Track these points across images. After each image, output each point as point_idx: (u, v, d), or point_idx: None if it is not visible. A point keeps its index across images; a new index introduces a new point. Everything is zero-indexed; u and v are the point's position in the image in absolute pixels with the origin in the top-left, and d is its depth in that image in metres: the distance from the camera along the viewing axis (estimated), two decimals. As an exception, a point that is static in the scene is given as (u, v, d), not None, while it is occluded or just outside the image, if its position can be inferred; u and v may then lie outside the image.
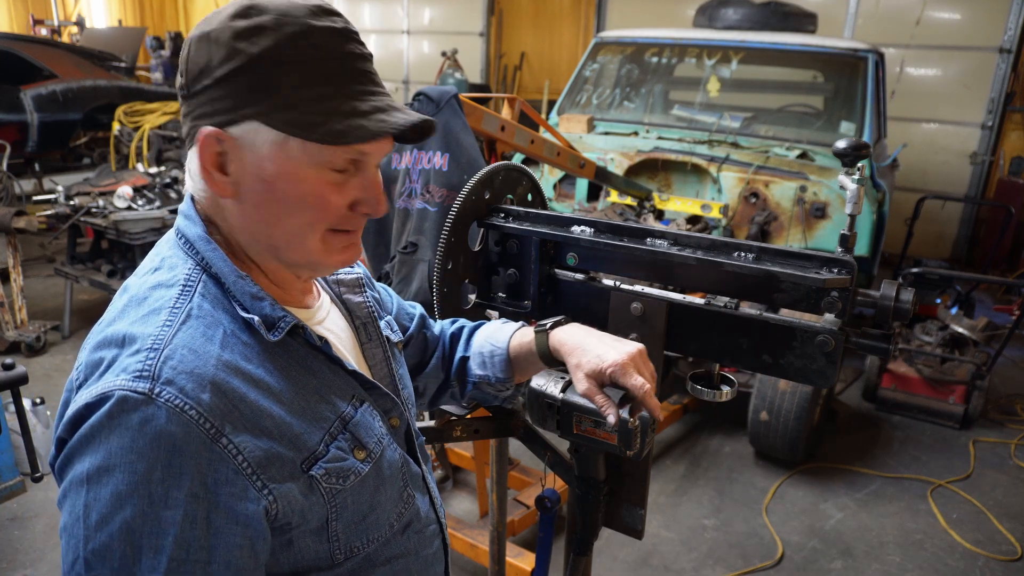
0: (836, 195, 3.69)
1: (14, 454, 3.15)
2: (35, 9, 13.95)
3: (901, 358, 4.34)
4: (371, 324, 1.10)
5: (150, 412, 0.74)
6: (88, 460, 0.75)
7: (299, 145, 0.82)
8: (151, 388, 0.75)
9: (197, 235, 0.88)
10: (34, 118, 7.59)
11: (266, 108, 0.81)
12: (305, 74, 0.82)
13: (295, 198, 0.85)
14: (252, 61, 0.81)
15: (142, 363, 0.77)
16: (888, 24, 7.45)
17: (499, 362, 1.21)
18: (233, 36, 0.81)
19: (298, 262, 0.90)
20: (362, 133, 0.83)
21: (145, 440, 0.74)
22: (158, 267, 0.88)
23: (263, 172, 0.83)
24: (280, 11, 0.82)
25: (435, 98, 2.48)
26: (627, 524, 1.43)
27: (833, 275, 1.14)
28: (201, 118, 0.84)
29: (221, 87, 0.82)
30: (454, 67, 9.13)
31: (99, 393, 0.76)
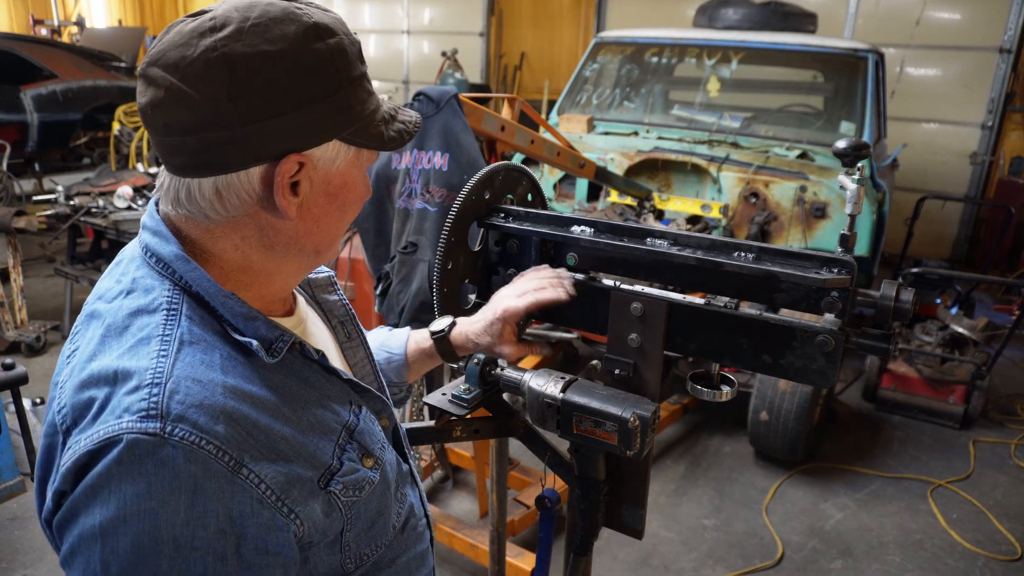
0: (836, 195, 3.69)
1: (14, 454, 3.15)
2: (35, 9, 13.95)
3: (901, 358, 4.34)
4: (349, 323, 1.10)
5: (166, 454, 0.70)
6: (99, 512, 0.70)
7: (367, 155, 0.89)
8: (162, 428, 0.71)
9: (173, 253, 0.82)
10: (34, 118, 7.60)
11: (347, 128, 0.83)
12: (362, 89, 0.85)
13: (351, 204, 0.90)
14: (337, 85, 0.81)
15: (146, 401, 0.72)
16: (888, 24, 7.45)
17: (396, 368, 1.28)
18: (318, 61, 0.79)
19: (326, 259, 0.94)
20: (407, 135, 0.90)
21: (164, 484, 0.70)
22: (130, 289, 0.82)
23: (330, 186, 0.86)
24: (342, 30, 0.83)
25: (435, 98, 2.48)
26: (627, 524, 1.43)
27: (833, 275, 1.14)
28: (275, 143, 0.78)
29: (305, 112, 0.78)
30: (454, 67, 9.13)
31: (103, 438, 0.71)
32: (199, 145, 0.77)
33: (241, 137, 0.77)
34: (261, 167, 0.80)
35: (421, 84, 10.66)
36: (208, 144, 0.77)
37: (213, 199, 0.81)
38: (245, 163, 0.79)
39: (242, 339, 0.81)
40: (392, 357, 1.28)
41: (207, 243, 0.84)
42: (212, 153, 0.78)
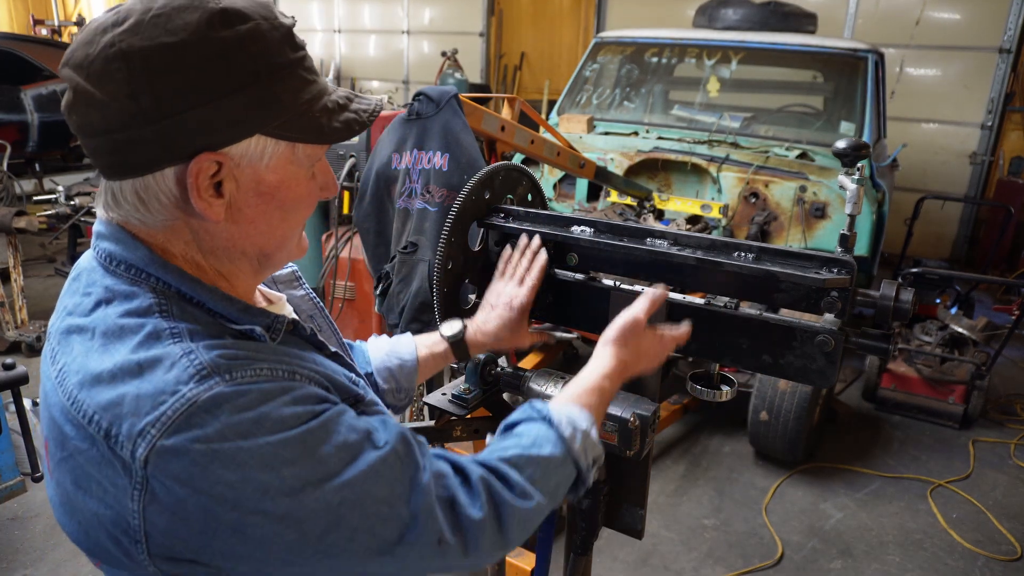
0: (836, 195, 3.69)
1: (14, 454, 3.15)
2: (35, 9, 13.96)
3: (901, 358, 4.35)
4: (319, 315, 1.10)
5: (235, 393, 0.72)
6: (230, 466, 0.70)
7: (305, 150, 0.82)
8: (221, 379, 0.72)
9: (144, 257, 0.79)
10: (34, 118, 7.59)
11: (271, 121, 0.77)
12: (293, 78, 0.79)
13: (293, 202, 0.84)
14: (252, 75, 0.74)
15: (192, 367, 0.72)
16: (888, 24, 7.45)
17: (408, 373, 1.28)
18: (224, 49, 0.73)
19: (280, 263, 0.90)
20: (357, 126, 0.83)
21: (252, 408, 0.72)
22: (107, 298, 0.79)
23: (262, 185, 0.80)
24: (259, 15, 0.76)
25: (435, 98, 2.48)
26: (627, 524, 1.43)
27: (833, 275, 1.14)
28: (184, 142, 0.74)
29: (215, 106, 0.73)
30: (454, 67, 9.12)
31: (177, 412, 0.69)
32: (110, 146, 0.74)
33: (148, 137, 0.73)
34: (174, 168, 0.76)
35: (421, 84, 10.65)
36: (118, 145, 0.74)
37: (136, 203, 0.78)
38: (157, 164, 0.75)
39: (240, 327, 0.81)
40: (404, 363, 1.27)
41: (164, 245, 0.82)
42: (123, 154, 0.75)
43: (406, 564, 0.80)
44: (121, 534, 0.73)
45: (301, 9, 11.80)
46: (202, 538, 0.72)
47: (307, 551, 0.74)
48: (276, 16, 0.79)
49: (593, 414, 1.01)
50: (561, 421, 0.96)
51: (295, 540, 0.73)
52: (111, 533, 0.74)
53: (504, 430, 0.99)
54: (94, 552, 0.79)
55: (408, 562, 0.80)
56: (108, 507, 0.73)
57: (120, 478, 0.71)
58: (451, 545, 0.81)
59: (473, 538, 0.83)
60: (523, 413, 0.99)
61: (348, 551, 0.76)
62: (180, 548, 0.73)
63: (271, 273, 0.94)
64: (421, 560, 0.81)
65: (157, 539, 0.72)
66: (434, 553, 0.81)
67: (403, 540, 0.78)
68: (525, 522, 0.89)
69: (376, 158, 2.62)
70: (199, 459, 0.69)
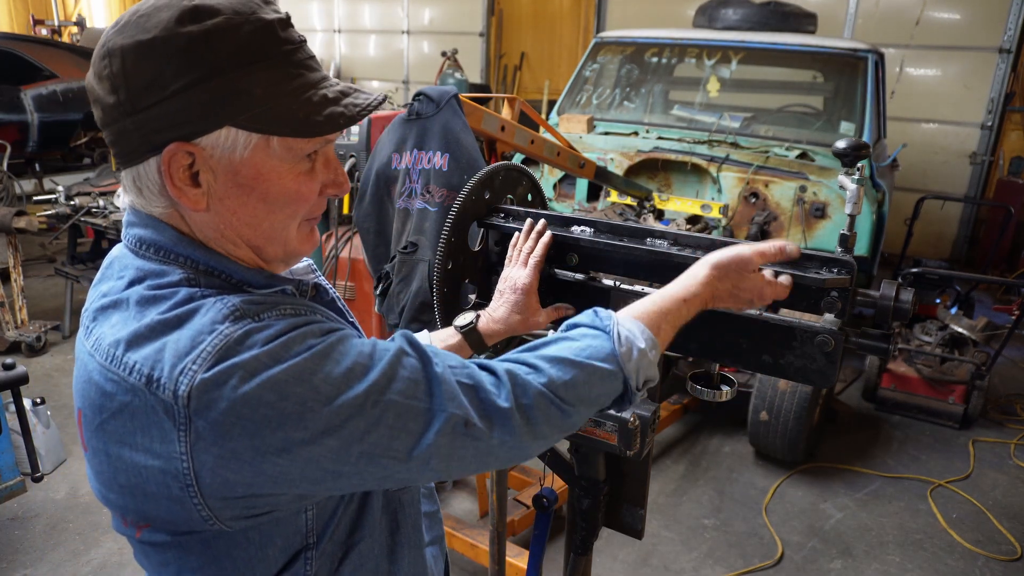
0: (836, 195, 3.69)
1: (14, 454, 3.15)
2: (35, 9, 13.96)
3: (901, 358, 4.35)
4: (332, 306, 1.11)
5: (265, 326, 0.77)
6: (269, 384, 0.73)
7: (281, 143, 0.82)
8: (252, 319, 0.77)
9: (172, 238, 0.83)
10: (34, 118, 7.60)
11: (240, 113, 0.78)
12: (272, 71, 0.79)
13: (277, 195, 0.84)
14: (217, 68, 0.76)
15: (226, 309, 0.77)
16: (888, 24, 7.45)
17: None
18: (188, 43, 0.75)
19: (277, 256, 0.90)
20: (342, 120, 0.83)
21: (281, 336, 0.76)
22: (140, 278, 0.82)
23: (240, 176, 0.81)
24: (232, 10, 0.78)
25: (435, 98, 2.48)
26: (627, 524, 1.43)
27: (833, 275, 1.14)
28: (157, 133, 0.78)
29: (181, 98, 0.76)
30: (454, 67, 9.12)
31: (218, 347, 0.74)
32: (109, 138, 0.82)
33: (130, 129, 0.78)
34: (155, 158, 0.80)
35: (421, 84, 10.65)
36: (113, 137, 0.81)
37: (135, 191, 0.84)
38: (140, 155, 0.80)
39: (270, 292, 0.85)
40: None
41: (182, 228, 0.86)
42: (117, 146, 0.81)
43: (443, 457, 0.81)
44: (172, 481, 0.75)
45: (301, 9, 11.80)
46: (252, 467, 0.74)
47: (351, 457, 0.77)
48: (255, 12, 0.79)
49: (658, 336, 0.98)
50: (620, 335, 0.93)
51: (338, 447, 0.76)
52: (161, 484, 0.76)
53: (565, 330, 0.98)
54: (143, 514, 0.81)
55: (443, 452, 0.81)
56: (155, 456, 0.75)
57: (165, 422, 0.74)
58: (480, 429, 0.82)
59: (501, 423, 0.84)
60: (586, 317, 0.98)
61: (388, 452, 0.78)
62: (232, 484, 0.75)
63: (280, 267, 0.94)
64: (454, 447, 0.82)
65: (207, 479, 0.74)
66: (465, 439, 0.82)
67: (432, 427, 0.80)
68: (555, 422, 0.88)
69: (376, 158, 2.61)
70: (239, 385, 0.72)
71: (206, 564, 0.83)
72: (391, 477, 0.82)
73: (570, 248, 1.39)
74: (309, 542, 0.86)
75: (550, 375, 0.88)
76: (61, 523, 3.03)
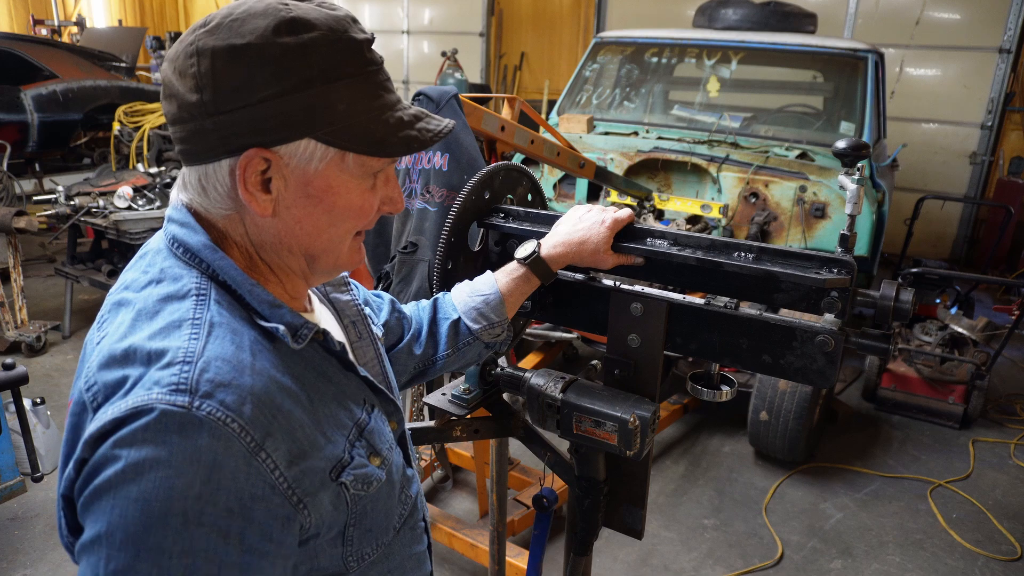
0: (836, 195, 3.69)
1: (14, 454, 3.15)
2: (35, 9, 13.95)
3: (901, 358, 4.35)
4: (360, 322, 1.11)
5: (192, 428, 0.71)
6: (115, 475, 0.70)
7: (355, 159, 0.84)
8: (191, 402, 0.72)
9: (201, 243, 0.84)
10: (34, 118, 7.59)
11: (322, 126, 0.80)
12: (355, 89, 0.82)
13: (344, 209, 0.86)
14: (307, 80, 0.78)
15: (177, 376, 0.73)
16: (888, 24, 7.45)
17: (494, 306, 1.26)
18: (283, 53, 0.77)
19: (327, 268, 0.91)
20: (416, 144, 0.85)
21: (184, 456, 0.70)
22: (158, 279, 0.83)
23: (311, 187, 0.83)
24: (328, 26, 0.80)
25: (435, 98, 2.48)
26: (627, 524, 1.43)
27: (833, 275, 1.14)
28: (238, 136, 0.79)
29: (268, 106, 0.78)
30: (454, 67, 9.12)
31: (132, 407, 0.71)
32: (181, 134, 0.82)
33: (208, 128, 0.79)
34: (229, 160, 0.81)
35: (421, 84, 10.66)
36: (186, 134, 0.81)
37: (199, 189, 0.85)
38: (214, 155, 0.81)
39: (268, 325, 0.82)
40: (488, 298, 1.26)
41: (227, 231, 0.87)
42: (190, 144, 0.81)
43: None
44: (70, 512, 0.77)
45: (301, 9, 11.79)
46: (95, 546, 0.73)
47: None
48: (347, 30, 0.82)
49: None
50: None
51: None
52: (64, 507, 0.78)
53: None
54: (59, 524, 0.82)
55: None
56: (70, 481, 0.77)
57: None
58: None
59: None
60: None
61: None
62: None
63: (324, 278, 0.95)
64: None
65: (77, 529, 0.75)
66: None
67: None
68: None
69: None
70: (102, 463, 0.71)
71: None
72: None
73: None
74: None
75: None
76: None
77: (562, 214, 1.37)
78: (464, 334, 1.27)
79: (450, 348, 1.27)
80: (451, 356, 1.28)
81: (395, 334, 1.27)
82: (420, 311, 1.30)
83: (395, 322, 1.27)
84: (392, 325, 1.26)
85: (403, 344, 1.26)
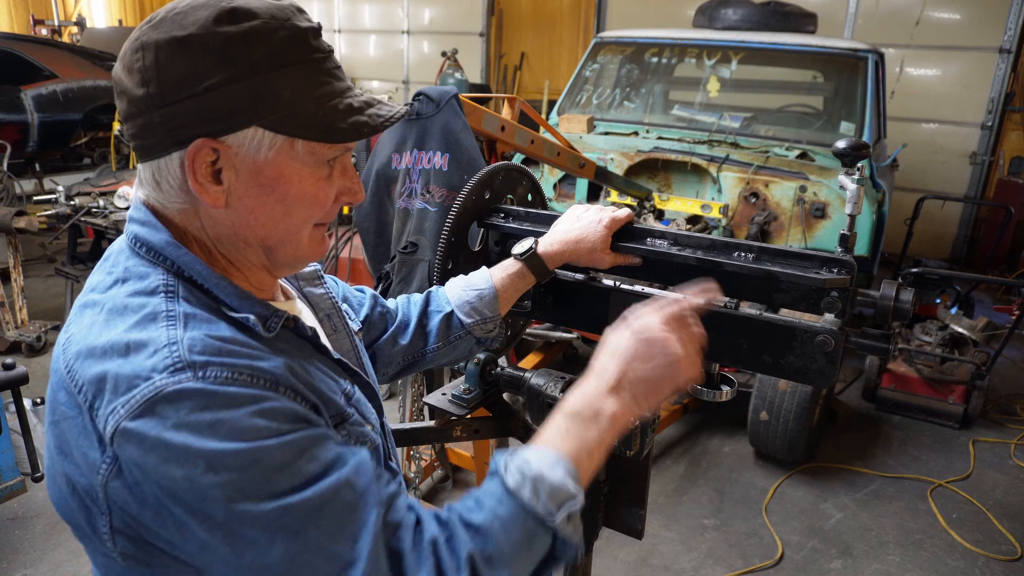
0: (836, 195, 3.69)
1: (15, 454, 3.15)
2: (35, 9, 13.96)
3: (901, 358, 4.35)
4: (335, 315, 1.11)
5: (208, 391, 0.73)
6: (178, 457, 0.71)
7: (305, 147, 0.83)
8: (194, 375, 0.73)
9: (164, 240, 0.84)
10: (34, 118, 7.60)
11: (268, 114, 0.80)
12: (302, 76, 0.82)
13: (296, 198, 0.85)
14: (250, 69, 0.79)
15: (169, 359, 0.74)
16: (888, 24, 7.45)
17: (488, 301, 1.26)
18: (225, 43, 0.78)
19: (287, 259, 0.90)
20: (367, 129, 0.84)
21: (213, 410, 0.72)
22: (123, 278, 0.83)
23: (262, 177, 0.83)
24: (270, 14, 0.80)
25: (435, 98, 2.48)
26: (627, 524, 1.43)
27: (833, 275, 1.14)
28: (185, 128, 0.79)
29: (213, 96, 0.78)
30: (454, 67, 9.12)
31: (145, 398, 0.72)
32: (132, 130, 0.83)
33: (156, 122, 0.79)
34: (178, 153, 0.81)
35: (421, 84, 10.65)
36: (137, 130, 0.82)
37: (153, 184, 0.85)
38: (163, 148, 0.81)
39: (238, 316, 0.83)
40: (483, 292, 1.26)
41: (185, 227, 0.87)
42: (141, 139, 0.82)
43: None
44: (91, 503, 0.77)
45: (301, 9, 11.79)
46: (154, 522, 0.75)
47: (242, 566, 0.73)
48: (290, 18, 0.82)
49: (562, 450, 0.85)
50: (510, 469, 0.83)
51: (229, 552, 0.73)
52: (83, 501, 0.78)
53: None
54: (68, 519, 0.82)
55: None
56: (83, 475, 0.77)
57: (94, 449, 0.75)
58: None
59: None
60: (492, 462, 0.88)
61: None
62: (136, 527, 0.76)
63: (288, 270, 0.95)
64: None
65: (118, 513, 0.76)
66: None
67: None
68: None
69: (376, 158, 2.62)
70: (153, 447, 0.71)
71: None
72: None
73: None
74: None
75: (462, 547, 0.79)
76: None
77: (562, 214, 1.37)
78: (456, 328, 1.27)
79: (441, 341, 1.27)
80: (441, 349, 1.27)
81: (377, 328, 1.26)
82: (410, 304, 1.30)
83: (377, 317, 1.26)
84: (374, 320, 1.26)
85: (387, 336, 1.26)
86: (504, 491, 0.81)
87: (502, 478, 0.82)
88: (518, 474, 0.82)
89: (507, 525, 0.80)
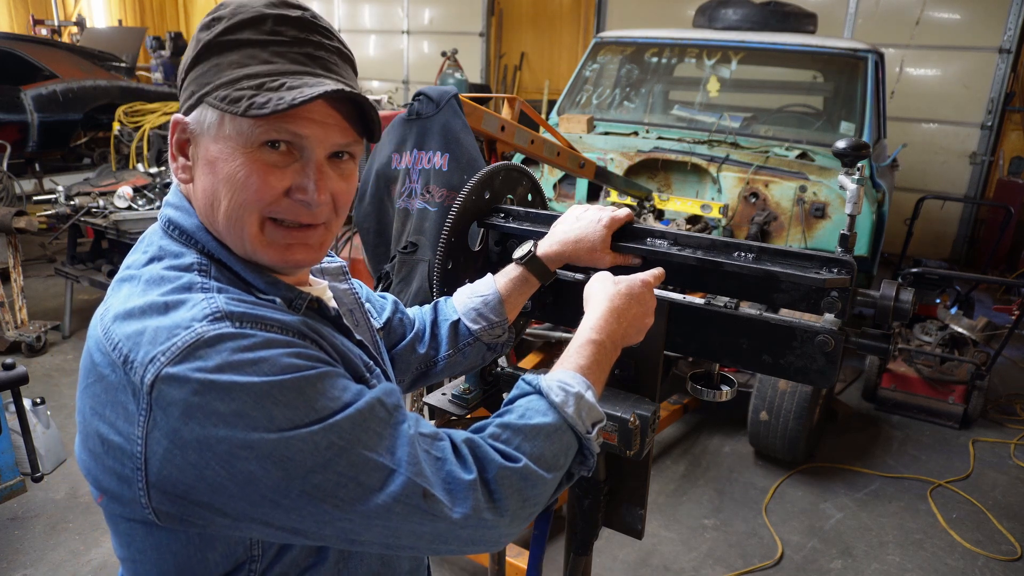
0: (836, 195, 3.69)
1: (14, 454, 3.15)
2: (35, 9, 13.95)
3: (901, 358, 4.35)
4: (358, 310, 1.14)
5: (240, 334, 0.78)
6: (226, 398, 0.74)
7: (232, 122, 0.84)
8: (232, 324, 0.78)
9: (195, 225, 0.89)
10: (34, 118, 7.59)
11: (211, 90, 0.84)
12: (246, 56, 0.85)
13: (230, 177, 0.84)
14: (206, 47, 0.85)
15: (208, 308, 0.79)
16: (888, 24, 7.45)
17: (493, 306, 1.28)
18: (198, 30, 0.88)
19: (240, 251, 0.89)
20: (280, 105, 0.80)
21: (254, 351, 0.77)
22: (158, 256, 0.88)
23: (208, 154, 0.86)
24: (239, 3, 0.87)
25: (435, 98, 2.48)
26: (627, 524, 1.43)
27: (833, 275, 1.14)
28: (180, 107, 0.89)
29: (188, 76, 0.87)
30: (454, 67, 9.12)
31: (187, 343, 0.76)
32: None
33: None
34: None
35: (421, 84, 10.65)
36: None
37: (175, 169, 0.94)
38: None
39: (266, 297, 0.88)
40: (487, 298, 1.28)
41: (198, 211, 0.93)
42: None
43: (392, 521, 0.79)
44: (127, 460, 0.78)
45: (301, 9, 11.79)
46: (195, 470, 0.75)
47: (292, 492, 0.76)
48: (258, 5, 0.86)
49: (588, 375, 0.98)
50: (552, 388, 0.94)
51: (280, 479, 0.75)
52: (116, 460, 0.79)
53: (502, 407, 0.98)
54: (100, 482, 0.83)
55: (394, 519, 0.79)
56: (118, 433, 0.78)
57: (130, 403, 0.77)
58: (440, 503, 0.80)
59: (462, 497, 0.82)
60: (517, 389, 0.98)
61: (334, 498, 0.77)
62: (175, 481, 0.76)
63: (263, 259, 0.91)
64: (408, 518, 0.79)
65: (154, 468, 0.76)
66: (421, 510, 0.80)
67: (386, 489, 0.78)
68: (520, 491, 0.85)
69: (376, 158, 2.62)
70: (197, 388, 0.74)
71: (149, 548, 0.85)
72: (331, 524, 0.79)
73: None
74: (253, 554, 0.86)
75: (503, 447, 0.87)
76: (61, 523, 3.03)
77: (562, 214, 1.37)
78: (464, 335, 1.28)
79: (451, 349, 1.28)
80: (452, 357, 1.28)
81: (397, 333, 1.27)
82: (423, 314, 1.32)
83: (397, 322, 1.28)
84: (394, 324, 1.27)
85: (406, 342, 1.27)
86: (548, 404, 0.93)
87: (544, 394, 0.94)
88: (561, 392, 0.94)
89: (546, 434, 0.90)
